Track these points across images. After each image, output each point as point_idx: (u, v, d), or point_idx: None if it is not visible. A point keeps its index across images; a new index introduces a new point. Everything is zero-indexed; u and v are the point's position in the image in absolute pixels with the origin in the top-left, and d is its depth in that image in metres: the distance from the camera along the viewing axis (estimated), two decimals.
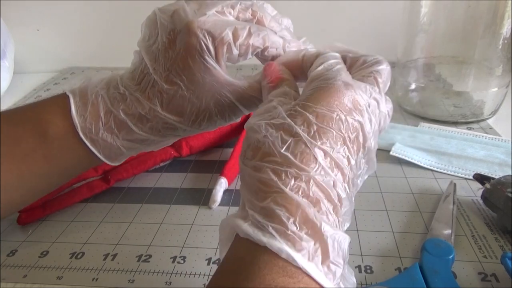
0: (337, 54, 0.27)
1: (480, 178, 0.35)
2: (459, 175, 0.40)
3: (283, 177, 0.21)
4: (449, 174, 0.40)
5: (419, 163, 0.42)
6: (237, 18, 0.30)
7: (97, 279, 0.30)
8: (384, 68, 0.27)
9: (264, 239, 0.20)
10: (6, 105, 0.65)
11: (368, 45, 0.72)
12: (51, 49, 0.80)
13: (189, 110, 0.29)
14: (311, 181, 0.21)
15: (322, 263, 0.20)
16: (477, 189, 0.35)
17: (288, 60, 0.29)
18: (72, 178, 0.33)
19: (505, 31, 0.46)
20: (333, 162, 0.22)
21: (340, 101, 0.23)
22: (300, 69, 0.28)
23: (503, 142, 0.44)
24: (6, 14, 0.73)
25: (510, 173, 0.35)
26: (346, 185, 0.23)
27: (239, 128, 0.46)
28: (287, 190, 0.21)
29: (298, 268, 0.19)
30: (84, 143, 0.29)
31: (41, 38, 0.78)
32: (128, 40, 0.77)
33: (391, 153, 0.42)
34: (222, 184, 0.39)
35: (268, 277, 0.19)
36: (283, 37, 0.30)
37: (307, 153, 0.22)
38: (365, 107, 0.24)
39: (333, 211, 0.22)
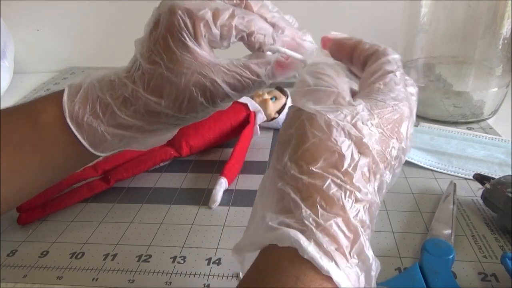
0: (399, 57, 0.26)
1: (480, 178, 0.35)
2: (459, 175, 0.40)
3: (347, 197, 0.20)
4: (449, 174, 0.40)
5: (419, 163, 0.42)
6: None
7: (97, 279, 0.30)
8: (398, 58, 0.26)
9: (329, 268, 0.18)
10: (6, 105, 0.65)
11: None
12: (51, 49, 0.80)
13: (168, 90, 0.28)
14: (368, 205, 0.20)
15: None
16: (477, 189, 0.35)
17: (339, 39, 0.28)
18: (66, 174, 0.33)
19: (505, 31, 0.46)
20: (379, 187, 0.22)
21: (399, 128, 0.23)
22: (349, 54, 0.27)
23: (503, 142, 0.44)
24: (6, 14, 0.73)
25: (510, 173, 0.35)
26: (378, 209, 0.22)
27: (239, 128, 0.46)
28: (349, 213, 0.20)
29: None
30: (71, 130, 0.29)
31: (41, 38, 0.78)
32: (128, 40, 0.77)
33: None
34: (222, 184, 0.39)
35: None
36: (276, 24, 0.29)
37: (365, 174, 0.21)
38: (410, 136, 0.24)
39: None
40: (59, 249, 0.34)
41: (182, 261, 0.32)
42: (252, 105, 0.47)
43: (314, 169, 0.20)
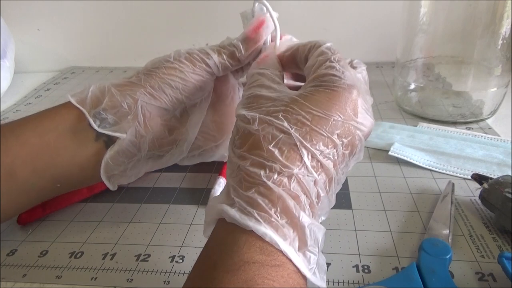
0: (329, 44, 0.29)
1: (478, 178, 0.35)
2: (458, 175, 0.40)
3: (268, 171, 0.23)
4: (447, 174, 0.40)
5: (417, 163, 0.42)
6: None
7: (96, 278, 0.31)
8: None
9: (250, 223, 0.21)
10: (6, 105, 0.66)
11: (367, 45, 0.72)
12: (51, 49, 0.80)
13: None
14: (293, 177, 0.23)
15: (299, 249, 0.22)
16: (475, 189, 0.35)
17: (282, 52, 0.32)
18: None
19: (504, 31, 0.46)
20: (319, 164, 0.24)
21: (340, 106, 0.25)
22: (294, 61, 0.31)
23: (502, 142, 0.44)
24: (6, 14, 0.73)
25: (508, 173, 0.35)
26: (327, 184, 0.25)
27: None
28: (269, 183, 0.23)
29: (275, 249, 0.21)
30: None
31: (42, 37, 0.79)
32: (128, 40, 0.78)
33: (389, 153, 0.43)
34: (221, 184, 0.39)
35: (247, 255, 0.21)
36: None
37: (294, 151, 0.24)
38: (364, 107, 0.26)
39: (309, 206, 0.23)
40: (58, 248, 0.34)
41: (181, 261, 0.32)
42: None
43: (242, 152, 0.24)
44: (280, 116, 0.24)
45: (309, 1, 0.69)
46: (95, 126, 0.31)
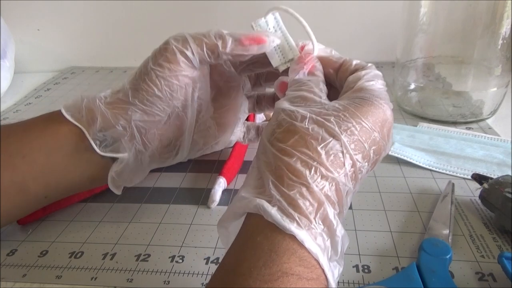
0: (380, 74, 0.29)
1: (478, 178, 0.35)
2: (458, 175, 0.40)
3: (312, 172, 0.22)
4: (447, 174, 0.40)
5: (417, 163, 0.42)
6: None
7: (96, 278, 0.31)
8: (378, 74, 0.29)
9: (292, 227, 0.20)
10: (6, 105, 0.66)
11: (367, 45, 0.72)
12: (51, 49, 0.80)
13: None
14: (334, 184, 0.23)
15: (329, 260, 0.21)
16: (475, 189, 0.35)
17: (325, 57, 0.31)
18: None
19: (504, 31, 0.46)
20: (354, 175, 0.24)
21: (382, 124, 0.25)
22: (334, 72, 0.30)
23: (502, 142, 0.44)
24: (6, 14, 0.73)
25: (508, 173, 0.35)
26: (352, 195, 0.24)
27: None
28: (313, 185, 0.22)
29: (313, 260, 0.20)
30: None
31: (42, 37, 0.79)
32: (128, 40, 0.78)
33: (389, 153, 0.42)
34: (221, 184, 0.39)
35: (286, 265, 0.20)
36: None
37: (339, 158, 0.23)
38: (391, 132, 0.27)
39: (339, 216, 0.23)
40: (58, 248, 0.34)
41: (181, 261, 0.32)
42: None
43: (284, 146, 0.23)
44: (332, 119, 0.24)
45: (309, 1, 0.69)
46: (97, 150, 0.31)
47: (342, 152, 0.23)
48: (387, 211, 0.36)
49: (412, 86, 0.54)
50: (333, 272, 0.21)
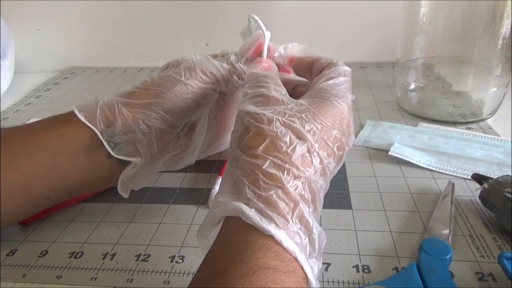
0: (348, 69, 0.30)
1: (478, 178, 0.35)
2: (458, 175, 0.40)
3: (285, 174, 0.23)
4: (447, 174, 0.40)
5: (417, 163, 0.42)
6: None
7: (95, 278, 0.31)
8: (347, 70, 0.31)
9: (270, 228, 0.21)
10: (6, 105, 0.66)
11: (367, 45, 0.72)
12: (51, 49, 0.80)
13: None
14: (307, 183, 0.24)
15: (308, 257, 0.22)
16: (475, 189, 0.35)
17: (298, 57, 0.34)
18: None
19: (504, 31, 0.46)
20: (322, 171, 0.25)
21: (340, 121, 0.27)
22: (308, 70, 0.33)
23: (502, 142, 0.44)
24: (6, 14, 0.73)
25: (508, 173, 0.35)
26: (324, 192, 0.26)
27: None
28: (288, 186, 0.23)
29: (289, 255, 0.21)
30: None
31: (42, 37, 0.79)
32: (128, 40, 0.78)
33: (389, 153, 0.42)
34: None
35: (262, 260, 0.20)
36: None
37: (307, 158, 0.24)
38: (352, 130, 0.28)
39: (314, 213, 0.24)
40: (58, 248, 0.34)
41: (181, 261, 0.32)
42: None
43: (256, 152, 0.24)
44: (296, 121, 0.25)
45: (309, 1, 0.69)
46: (111, 151, 0.32)
47: (309, 152, 0.24)
48: (387, 211, 0.36)
49: (412, 86, 0.54)
50: (312, 268, 0.22)
